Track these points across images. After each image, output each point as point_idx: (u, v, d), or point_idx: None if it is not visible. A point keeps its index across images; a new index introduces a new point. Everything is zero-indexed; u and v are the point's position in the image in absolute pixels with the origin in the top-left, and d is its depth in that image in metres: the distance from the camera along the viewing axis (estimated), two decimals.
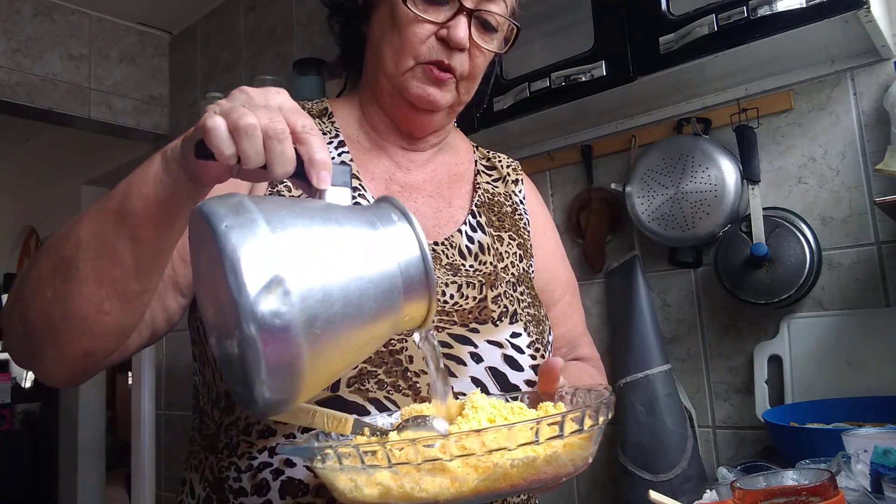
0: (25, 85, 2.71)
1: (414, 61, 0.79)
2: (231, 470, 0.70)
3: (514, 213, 0.92)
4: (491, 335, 0.75)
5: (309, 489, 0.66)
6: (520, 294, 0.81)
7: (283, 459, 0.67)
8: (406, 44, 0.78)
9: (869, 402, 1.21)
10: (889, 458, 0.82)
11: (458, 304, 0.76)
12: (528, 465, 0.50)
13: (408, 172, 0.87)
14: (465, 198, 0.89)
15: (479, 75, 0.84)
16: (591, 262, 1.70)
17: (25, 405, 4.62)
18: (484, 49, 0.81)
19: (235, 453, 0.70)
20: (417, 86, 0.79)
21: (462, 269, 0.80)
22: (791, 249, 1.35)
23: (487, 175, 0.94)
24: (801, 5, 1.15)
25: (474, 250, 0.83)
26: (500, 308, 0.78)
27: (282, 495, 0.66)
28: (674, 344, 1.59)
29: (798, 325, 1.39)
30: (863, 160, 1.37)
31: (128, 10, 2.97)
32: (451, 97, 0.82)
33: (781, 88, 1.46)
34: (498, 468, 0.49)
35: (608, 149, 1.72)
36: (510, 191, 0.94)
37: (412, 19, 0.78)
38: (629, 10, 1.38)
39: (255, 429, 0.69)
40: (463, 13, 0.77)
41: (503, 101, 1.56)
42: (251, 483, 0.68)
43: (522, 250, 0.88)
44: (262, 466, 0.67)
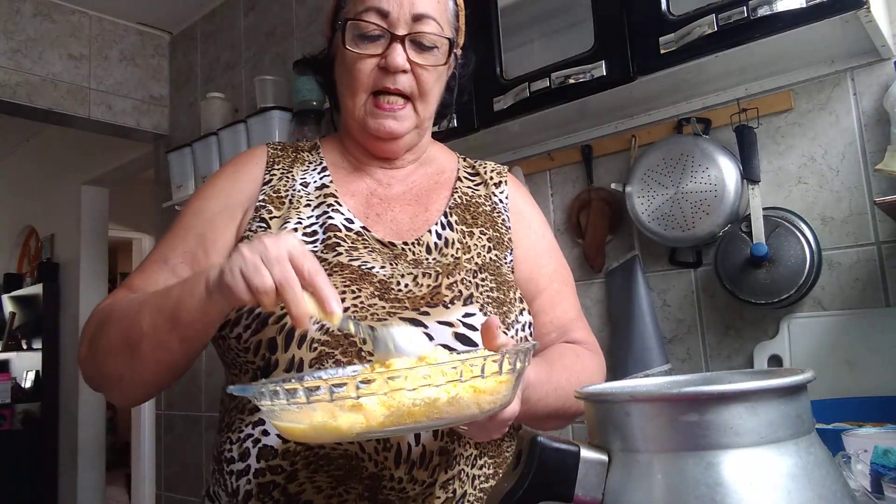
0: (25, 85, 2.71)
1: (365, 94, 0.90)
2: (227, 443, 0.82)
3: (492, 212, 0.99)
4: (441, 316, 0.82)
5: (278, 453, 0.78)
6: (480, 280, 0.87)
7: (261, 430, 0.79)
8: (355, 81, 0.90)
9: (869, 402, 1.21)
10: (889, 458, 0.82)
11: (412, 291, 0.84)
12: (430, 404, 0.57)
13: (388, 187, 0.97)
14: (443, 202, 0.97)
15: (431, 90, 0.92)
16: (591, 262, 1.70)
17: (25, 405, 4.62)
18: (426, 66, 0.90)
19: (231, 429, 0.83)
20: (373, 121, 0.90)
21: (424, 263, 0.89)
22: (791, 249, 1.35)
23: (470, 180, 1.02)
24: (801, 5, 1.15)
25: (440, 246, 0.91)
26: (453, 293, 0.84)
27: (258, 459, 0.78)
28: (674, 344, 1.59)
29: (798, 325, 1.39)
30: (863, 160, 1.37)
31: (128, 10, 2.97)
32: (409, 122, 0.92)
33: (781, 88, 1.46)
34: (402, 406, 0.57)
35: (608, 149, 1.72)
36: (490, 192, 1.01)
37: (356, 58, 0.89)
38: (629, 10, 1.38)
39: (246, 407, 0.82)
40: (396, 41, 0.88)
41: (503, 101, 1.56)
42: (238, 451, 0.80)
43: (494, 242, 0.95)
44: (247, 437, 0.80)
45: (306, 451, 0.77)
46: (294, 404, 0.58)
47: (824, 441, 0.51)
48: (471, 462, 0.83)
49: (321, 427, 0.58)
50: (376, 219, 0.93)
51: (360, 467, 0.76)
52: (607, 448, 0.52)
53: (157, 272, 0.88)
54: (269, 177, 0.94)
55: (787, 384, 0.48)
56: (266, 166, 0.95)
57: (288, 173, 0.94)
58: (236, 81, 2.80)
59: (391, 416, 0.57)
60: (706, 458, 0.46)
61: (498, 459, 0.87)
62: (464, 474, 0.82)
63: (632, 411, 0.50)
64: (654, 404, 0.49)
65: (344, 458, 0.76)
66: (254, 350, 0.80)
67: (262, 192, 0.92)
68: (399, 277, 0.85)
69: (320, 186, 0.93)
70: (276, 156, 0.97)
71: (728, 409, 0.47)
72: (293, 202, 0.91)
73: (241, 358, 0.82)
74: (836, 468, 0.49)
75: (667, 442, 0.48)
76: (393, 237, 0.91)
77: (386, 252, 0.89)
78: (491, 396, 0.60)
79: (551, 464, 0.52)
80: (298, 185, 0.93)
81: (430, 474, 0.79)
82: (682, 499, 0.46)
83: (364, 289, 0.82)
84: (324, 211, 0.90)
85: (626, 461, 0.50)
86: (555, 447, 0.52)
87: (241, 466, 0.79)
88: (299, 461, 0.77)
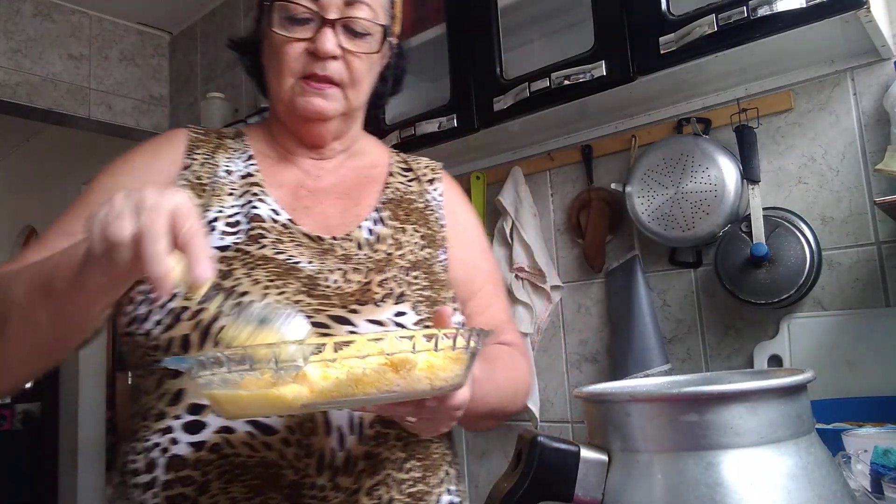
0: (25, 85, 2.71)
1: (293, 78, 0.86)
2: (131, 454, 0.76)
3: (425, 209, 0.96)
4: (371, 315, 0.78)
5: (188, 463, 0.72)
6: (412, 278, 0.85)
7: (169, 438, 0.73)
8: (282, 65, 0.85)
9: (869, 402, 1.21)
10: (889, 458, 0.83)
11: (341, 287, 0.80)
12: (380, 374, 0.54)
13: (317, 179, 0.93)
14: (375, 196, 0.94)
15: (363, 79, 0.89)
16: (591, 262, 1.70)
17: (25, 405, 4.62)
18: (357, 53, 0.86)
19: (135, 438, 0.77)
20: (302, 100, 0.86)
21: (353, 259, 0.85)
22: (791, 249, 1.35)
23: (402, 176, 0.99)
24: (801, 5, 1.15)
25: (371, 241, 0.88)
26: (384, 290, 0.81)
27: (166, 470, 0.72)
28: (674, 344, 1.59)
29: (798, 325, 1.39)
30: (863, 160, 1.37)
31: (128, 10, 2.97)
32: (338, 105, 0.87)
33: (781, 88, 1.46)
34: (350, 374, 0.54)
35: (608, 149, 1.72)
36: (424, 189, 0.98)
37: (283, 41, 0.85)
38: (629, 10, 1.38)
39: (151, 413, 0.76)
40: (327, 25, 0.84)
41: (503, 101, 1.56)
42: (144, 462, 0.74)
43: (427, 241, 0.92)
44: (153, 447, 0.74)
45: (220, 461, 0.71)
46: (237, 372, 0.54)
47: (824, 441, 0.51)
48: (398, 466, 0.78)
49: (263, 397, 0.54)
50: (304, 211, 0.88)
51: (279, 476, 0.71)
52: (607, 448, 0.52)
53: (56, 242, 0.78)
54: (190, 161, 0.88)
55: (787, 384, 0.48)
56: (186, 150, 0.89)
57: (211, 159, 0.89)
58: (236, 81, 2.80)
59: (340, 386, 0.54)
60: (706, 458, 0.46)
61: (427, 462, 0.82)
62: (390, 479, 0.77)
63: (632, 411, 0.50)
64: (654, 404, 0.49)
65: (261, 466, 0.71)
66: (164, 349, 0.74)
67: (181, 176, 0.86)
68: (328, 273, 0.81)
69: (245, 175, 0.88)
70: (197, 139, 0.91)
71: (728, 409, 0.47)
72: (215, 190, 0.85)
73: (149, 357, 0.76)
74: (836, 468, 0.49)
75: (667, 442, 0.48)
76: (321, 231, 0.86)
77: (314, 246, 0.84)
78: (444, 373, 0.57)
79: (551, 464, 0.52)
80: (222, 171, 0.88)
81: (355, 480, 0.74)
82: (682, 499, 0.46)
83: (290, 284, 0.78)
84: (248, 200, 0.85)
85: (626, 461, 0.50)
86: (555, 447, 0.52)
87: (146, 479, 0.73)
88: (212, 471, 0.71)
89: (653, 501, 0.47)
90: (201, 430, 0.72)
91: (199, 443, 0.72)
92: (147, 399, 0.77)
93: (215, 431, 0.72)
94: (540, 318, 1.76)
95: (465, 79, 1.64)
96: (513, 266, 1.77)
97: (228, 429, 0.72)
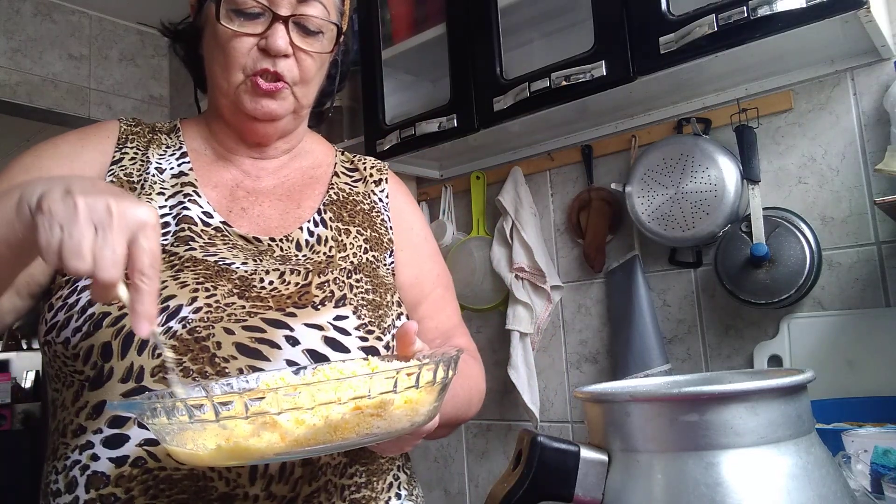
0: (25, 85, 2.71)
1: (242, 74, 0.81)
2: (52, 474, 0.72)
3: (371, 211, 0.93)
4: (309, 318, 0.75)
5: (110, 480, 0.68)
6: (354, 281, 0.82)
7: (89, 455, 0.69)
8: (230, 60, 0.81)
9: (869, 402, 1.21)
10: (889, 458, 0.82)
11: (277, 289, 0.77)
12: (359, 417, 0.51)
13: (257, 180, 0.89)
14: (318, 198, 0.90)
15: (313, 78, 0.86)
16: (591, 262, 1.70)
17: (25, 405, 4.62)
18: (309, 52, 0.83)
19: (56, 457, 0.72)
20: (250, 100, 0.82)
21: (293, 260, 0.81)
22: (791, 249, 1.35)
23: (347, 176, 0.96)
24: (801, 5, 1.15)
25: (312, 242, 0.84)
26: (324, 293, 0.78)
27: (87, 489, 0.68)
28: (674, 344, 1.59)
29: (798, 325, 1.39)
30: (863, 160, 1.37)
31: (128, 10, 2.97)
32: (288, 104, 0.84)
33: (781, 88, 1.46)
34: (328, 421, 0.50)
35: (608, 149, 1.72)
36: (370, 190, 0.95)
37: (231, 35, 0.80)
38: (629, 10, 1.38)
39: (69, 429, 0.71)
40: (279, 21, 0.80)
41: (503, 101, 1.56)
42: (64, 482, 0.70)
43: (372, 243, 0.89)
44: (73, 465, 0.70)
45: (143, 475, 0.67)
46: (198, 422, 0.49)
47: (824, 441, 0.51)
48: (339, 471, 0.74)
49: (230, 450, 0.50)
50: (241, 213, 0.84)
51: (209, 488, 0.67)
52: (607, 448, 0.52)
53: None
54: (120, 155, 0.83)
55: (787, 384, 0.48)
56: (117, 142, 0.85)
57: (143, 155, 0.84)
58: None
59: (317, 433, 0.50)
60: (706, 458, 0.46)
61: (372, 466, 0.79)
62: (331, 485, 0.73)
63: (632, 411, 0.50)
64: (654, 404, 0.49)
65: (189, 478, 0.67)
66: (84, 357, 0.70)
67: (109, 171, 0.81)
68: (263, 274, 0.77)
69: (178, 174, 0.84)
70: (129, 132, 0.87)
71: (728, 409, 0.47)
72: (145, 188, 0.81)
73: (68, 367, 0.72)
74: (836, 468, 0.49)
75: (667, 442, 0.48)
76: (259, 233, 0.82)
77: (249, 248, 0.80)
78: (423, 408, 0.55)
79: (551, 464, 0.52)
80: (153, 169, 0.83)
81: (292, 488, 0.70)
82: (682, 499, 0.46)
83: (221, 286, 0.73)
84: (179, 201, 0.80)
85: (626, 461, 0.50)
86: (555, 447, 0.52)
87: (68, 499, 0.69)
88: (136, 487, 0.67)
89: (653, 501, 0.47)
90: (123, 444, 0.68)
91: (120, 458, 0.68)
92: (65, 414, 0.73)
93: (138, 445, 0.68)
94: (540, 318, 1.76)
95: (465, 79, 1.64)
96: (513, 266, 1.77)
97: (152, 441, 0.68)
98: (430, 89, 1.93)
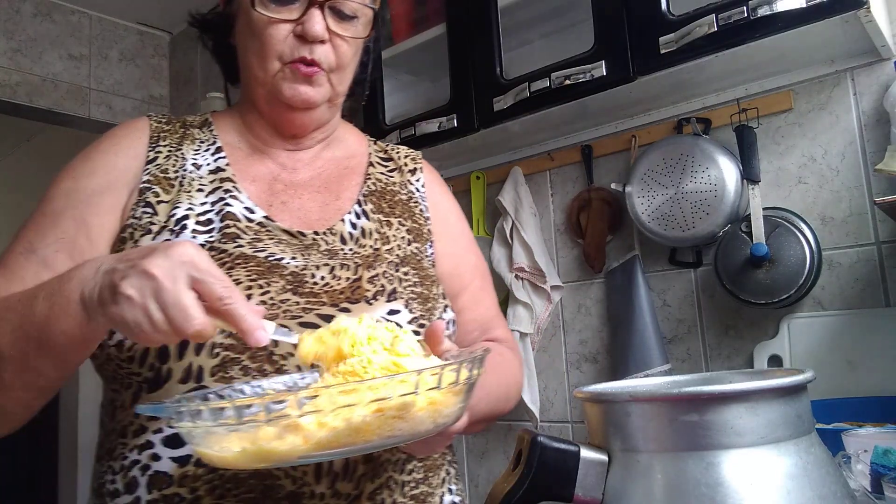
0: (25, 85, 2.71)
1: (279, 63, 0.80)
2: (108, 474, 0.72)
3: (409, 201, 0.92)
4: (364, 313, 0.74)
5: (174, 480, 0.68)
6: (402, 274, 0.81)
7: (150, 455, 0.69)
8: (266, 48, 0.79)
9: (869, 402, 1.21)
10: (889, 458, 0.83)
11: (330, 284, 0.76)
12: (381, 420, 0.51)
13: (294, 172, 0.88)
14: (355, 189, 0.89)
15: (349, 64, 0.84)
16: (591, 262, 1.70)
17: None
18: (345, 37, 0.81)
19: (112, 457, 0.72)
20: (289, 87, 0.81)
21: (340, 254, 0.80)
22: (791, 249, 1.35)
23: (382, 166, 0.94)
24: (801, 5, 1.15)
25: (356, 235, 0.83)
26: (375, 287, 0.77)
27: (149, 490, 0.68)
28: (674, 344, 1.59)
29: (798, 325, 1.39)
30: (863, 160, 1.37)
31: (128, 10, 2.97)
32: (325, 91, 0.83)
33: (781, 88, 1.46)
34: (350, 424, 0.50)
35: (608, 149, 1.72)
36: (406, 180, 0.94)
37: (266, 23, 0.79)
38: (629, 10, 1.38)
39: (129, 430, 0.71)
40: (315, 6, 0.78)
41: (503, 101, 1.56)
42: (123, 482, 0.70)
43: (414, 234, 0.88)
44: (133, 464, 0.69)
45: (209, 475, 0.67)
46: (222, 426, 0.50)
47: (824, 441, 0.51)
48: (399, 467, 0.75)
49: (254, 452, 0.50)
50: (281, 207, 0.83)
51: (276, 486, 0.67)
52: (607, 448, 0.52)
53: (24, 266, 0.74)
54: (154, 154, 0.82)
55: (787, 384, 0.48)
56: (149, 141, 0.83)
57: (177, 151, 0.83)
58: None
59: (339, 436, 0.50)
60: (706, 458, 0.46)
61: (427, 462, 0.80)
62: (392, 482, 0.74)
63: (632, 411, 0.50)
64: (654, 404, 0.49)
65: (255, 477, 0.67)
66: (140, 360, 0.69)
67: (146, 171, 0.80)
68: (314, 269, 0.76)
69: (215, 170, 0.82)
70: (160, 130, 0.85)
71: (728, 409, 0.47)
72: (184, 185, 0.80)
73: (123, 370, 0.71)
74: (836, 468, 0.49)
75: (667, 442, 0.48)
76: (301, 227, 0.81)
77: (295, 243, 0.79)
78: (446, 409, 0.55)
79: (551, 464, 0.52)
80: (189, 165, 0.82)
81: (356, 486, 0.70)
82: (682, 499, 0.46)
83: (274, 283, 0.73)
84: (220, 198, 0.79)
85: (626, 461, 0.50)
86: (555, 447, 0.52)
87: (128, 500, 0.69)
88: (202, 487, 0.67)
89: (653, 501, 0.47)
90: (185, 444, 0.68)
91: (183, 457, 0.68)
92: (125, 414, 0.73)
93: None
94: (540, 318, 1.76)
95: (465, 79, 1.64)
96: (513, 266, 1.77)
97: None
98: (430, 89, 1.93)
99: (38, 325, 0.61)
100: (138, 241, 0.75)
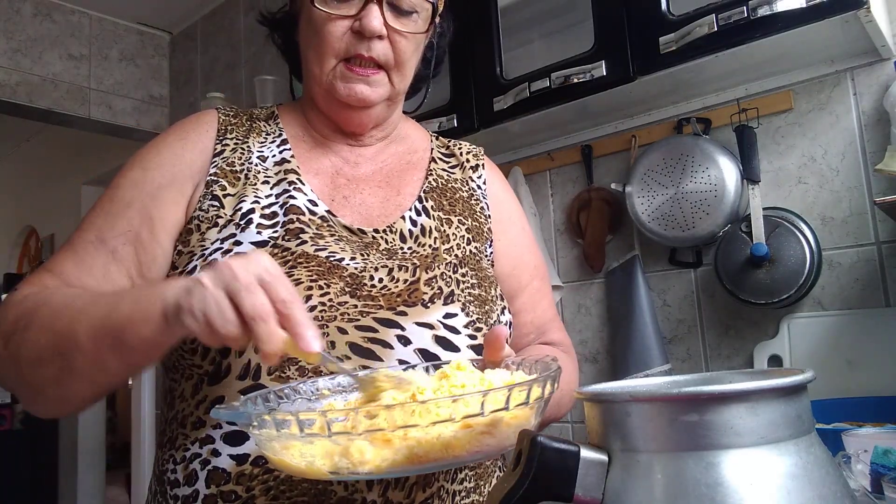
0: (25, 85, 2.71)
1: (335, 59, 0.80)
2: (170, 462, 0.73)
3: (470, 198, 0.91)
4: (420, 317, 0.75)
5: (231, 477, 0.68)
6: (460, 275, 0.80)
7: (210, 450, 0.70)
8: (324, 44, 0.79)
9: (869, 402, 1.21)
10: (889, 458, 0.82)
11: (387, 287, 0.76)
12: (471, 435, 0.51)
13: (356, 167, 0.87)
14: (417, 185, 0.89)
15: (409, 60, 0.83)
16: (591, 262, 1.70)
17: None
18: (404, 33, 0.81)
19: (174, 446, 0.74)
20: (344, 86, 0.80)
21: (399, 253, 0.80)
22: (791, 249, 1.35)
23: (444, 162, 0.94)
24: (801, 5, 1.15)
25: (416, 233, 0.83)
26: (432, 290, 0.77)
27: (207, 484, 0.69)
28: (674, 344, 1.59)
29: (798, 325, 1.39)
30: (863, 160, 1.37)
31: (128, 10, 2.97)
32: (383, 90, 0.82)
33: (781, 88, 1.46)
34: (441, 439, 0.50)
35: (608, 149, 1.72)
36: (468, 176, 0.93)
37: (325, 19, 0.79)
38: (629, 10, 1.38)
39: (189, 421, 0.73)
40: (373, 1, 0.78)
41: (503, 101, 1.56)
42: (183, 473, 0.71)
43: (474, 233, 0.87)
44: (193, 457, 0.71)
45: (265, 475, 0.68)
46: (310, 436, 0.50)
47: (824, 441, 0.51)
48: (451, 477, 0.74)
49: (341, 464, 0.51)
50: (343, 202, 0.83)
51: (328, 492, 0.67)
52: (607, 448, 0.52)
53: (94, 255, 0.75)
54: (222, 147, 0.82)
55: (787, 384, 0.48)
56: (217, 134, 0.84)
57: (243, 144, 0.83)
58: (236, 81, 2.80)
59: (428, 452, 0.51)
60: (706, 458, 0.46)
61: (479, 470, 0.79)
62: (443, 491, 0.73)
63: (632, 411, 0.50)
64: (654, 404, 0.49)
65: (309, 481, 0.67)
66: (202, 353, 0.71)
67: (213, 164, 0.81)
68: (372, 271, 0.76)
69: (280, 162, 0.83)
70: (228, 123, 0.86)
71: (728, 409, 0.47)
72: (249, 177, 0.80)
73: (186, 361, 0.73)
74: (836, 468, 0.49)
75: (667, 442, 0.48)
76: (362, 223, 0.81)
77: (355, 241, 0.79)
78: (526, 423, 0.55)
79: (551, 464, 0.52)
80: (255, 157, 0.82)
81: (407, 495, 0.70)
82: (682, 499, 0.46)
83: (333, 284, 0.73)
84: (284, 189, 0.80)
85: (626, 461, 0.50)
86: (555, 447, 0.52)
87: (187, 491, 0.70)
88: (257, 486, 0.68)
89: (653, 501, 0.47)
90: (244, 442, 0.69)
91: (241, 455, 0.69)
92: (184, 405, 0.74)
93: None
94: None
95: (465, 79, 1.64)
96: None
97: None
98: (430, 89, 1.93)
99: (118, 325, 0.62)
100: (205, 233, 0.76)
